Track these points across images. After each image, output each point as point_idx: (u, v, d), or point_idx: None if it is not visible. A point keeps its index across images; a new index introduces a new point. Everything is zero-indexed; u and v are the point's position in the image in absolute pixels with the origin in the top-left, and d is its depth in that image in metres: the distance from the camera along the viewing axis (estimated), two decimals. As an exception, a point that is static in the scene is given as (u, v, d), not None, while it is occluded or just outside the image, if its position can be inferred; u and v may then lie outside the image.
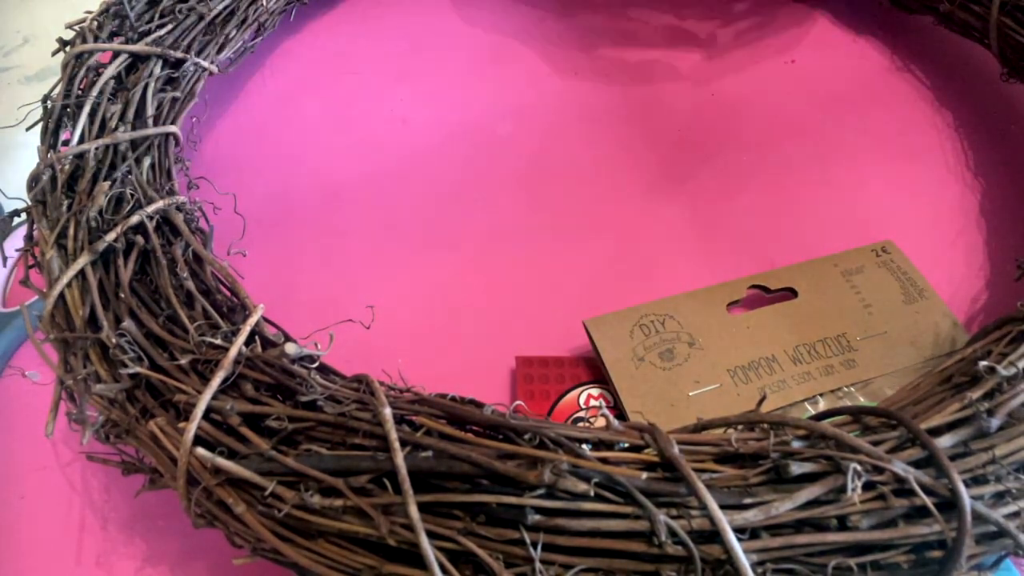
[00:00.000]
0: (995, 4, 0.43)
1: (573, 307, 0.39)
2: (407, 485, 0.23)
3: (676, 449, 0.24)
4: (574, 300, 0.40)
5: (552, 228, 0.43)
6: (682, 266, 0.41)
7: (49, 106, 0.38)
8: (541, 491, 0.23)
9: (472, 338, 0.39)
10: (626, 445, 0.25)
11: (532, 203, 0.44)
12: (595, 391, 0.35)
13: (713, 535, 0.22)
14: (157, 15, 0.42)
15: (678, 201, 0.44)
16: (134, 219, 0.32)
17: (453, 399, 0.26)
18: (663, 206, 0.43)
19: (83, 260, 0.31)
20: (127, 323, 0.29)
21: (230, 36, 0.45)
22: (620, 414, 0.34)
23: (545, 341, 0.38)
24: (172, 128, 0.38)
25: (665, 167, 0.45)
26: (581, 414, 0.35)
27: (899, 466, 0.23)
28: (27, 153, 0.49)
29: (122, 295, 0.30)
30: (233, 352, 0.27)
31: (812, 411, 0.34)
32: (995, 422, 0.25)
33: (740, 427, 0.26)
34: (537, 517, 0.23)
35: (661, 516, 0.22)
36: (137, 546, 0.33)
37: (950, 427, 0.25)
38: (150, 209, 0.33)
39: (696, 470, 0.24)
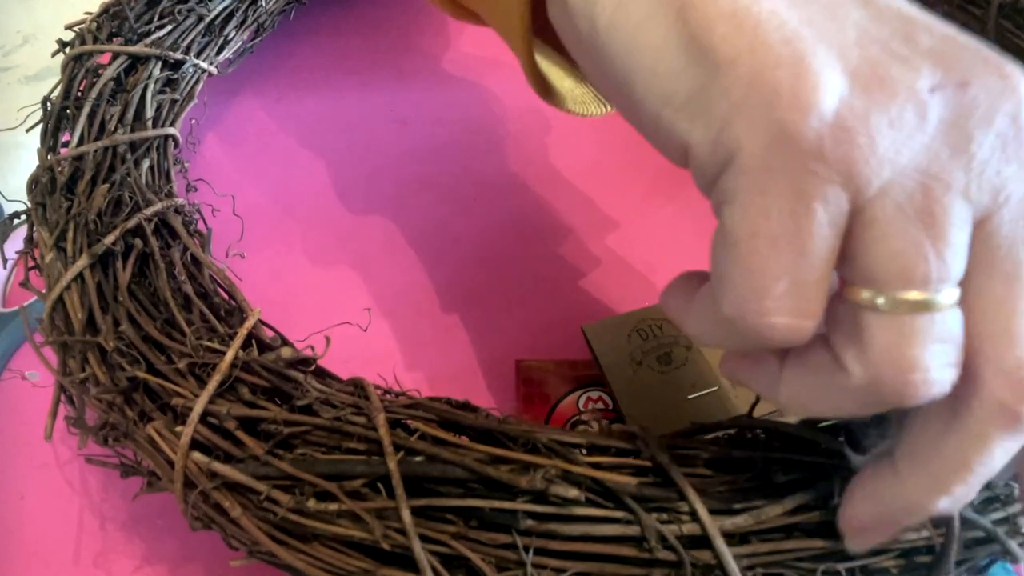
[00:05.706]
0: (993, 6, 0.42)
1: (572, 308, 0.39)
2: (400, 489, 0.23)
3: (667, 454, 0.24)
4: (573, 301, 0.40)
5: (552, 229, 0.43)
6: (682, 267, 0.41)
7: (49, 107, 0.38)
8: (533, 496, 0.23)
9: (472, 340, 0.39)
10: (619, 449, 0.25)
11: (531, 204, 0.44)
12: (594, 394, 0.36)
13: (703, 540, 0.23)
14: (156, 16, 0.42)
15: (678, 201, 0.44)
16: (132, 222, 0.32)
17: (448, 403, 0.26)
18: (663, 206, 0.43)
19: (82, 263, 0.31)
20: (125, 326, 0.29)
21: (229, 37, 0.45)
22: (618, 417, 0.34)
23: (544, 344, 0.38)
24: (171, 130, 0.38)
25: (665, 167, 0.45)
26: (580, 417, 0.35)
27: (889, 472, 0.23)
28: (27, 154, 0.50)
29: (120, 298, 0.30)
30: (230, 356, 0.27)
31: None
32: (986, 428, 0.25)
33: (732, 431, 0.26)
34: (529, 522, 0.23)
35: (651, 522, 0.22)
36: (135, 546, 0.33)
37: (942, 432, 0.25)
38: (148, 212, 0.33)
39: (687, 475, 0.24)
